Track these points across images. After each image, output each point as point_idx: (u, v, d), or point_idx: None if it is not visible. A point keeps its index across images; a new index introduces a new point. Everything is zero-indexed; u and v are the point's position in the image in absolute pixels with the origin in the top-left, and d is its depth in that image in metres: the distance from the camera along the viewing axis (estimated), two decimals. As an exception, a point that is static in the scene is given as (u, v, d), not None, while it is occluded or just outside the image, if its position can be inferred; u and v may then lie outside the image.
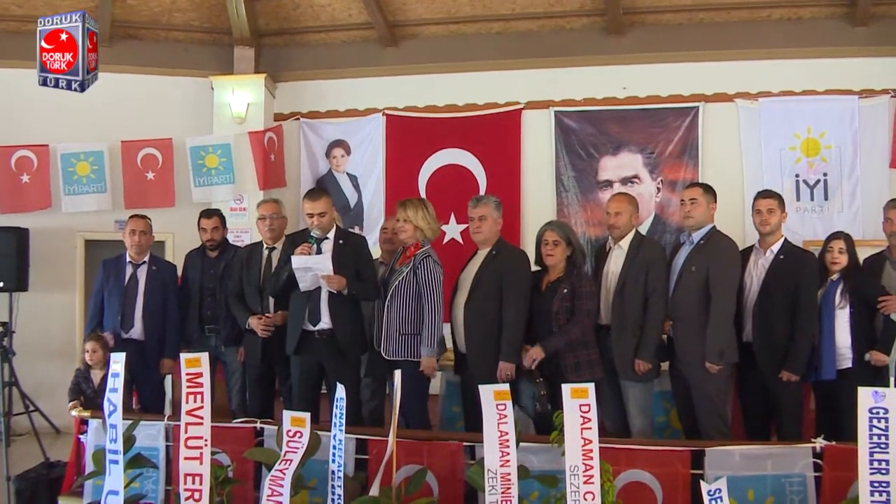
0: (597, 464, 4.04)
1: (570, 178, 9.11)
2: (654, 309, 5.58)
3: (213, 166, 9.24)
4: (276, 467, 4.36)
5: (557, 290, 5.52)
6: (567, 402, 4.10)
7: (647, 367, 5.51)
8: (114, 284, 6.58)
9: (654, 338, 5.57)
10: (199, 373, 4.39)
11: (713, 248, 5.52)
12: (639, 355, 5.52)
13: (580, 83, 9.12)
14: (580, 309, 5.46)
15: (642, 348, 5.53)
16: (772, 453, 4.67)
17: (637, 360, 5.51)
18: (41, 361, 8.83)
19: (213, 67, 9.58)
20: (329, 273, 5.60)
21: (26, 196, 9.22)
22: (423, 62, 9.46)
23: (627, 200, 5.92)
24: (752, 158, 8.70)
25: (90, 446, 5.37)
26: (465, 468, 4.75)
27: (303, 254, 5.60)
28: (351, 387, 5.30)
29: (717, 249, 5.53)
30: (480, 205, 5.80)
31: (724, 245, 5.58)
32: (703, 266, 5.46)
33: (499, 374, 5.43)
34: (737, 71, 8.77)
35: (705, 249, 5.52)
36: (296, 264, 5.62)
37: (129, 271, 6.63)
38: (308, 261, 5.60)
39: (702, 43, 8.82)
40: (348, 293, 5.70)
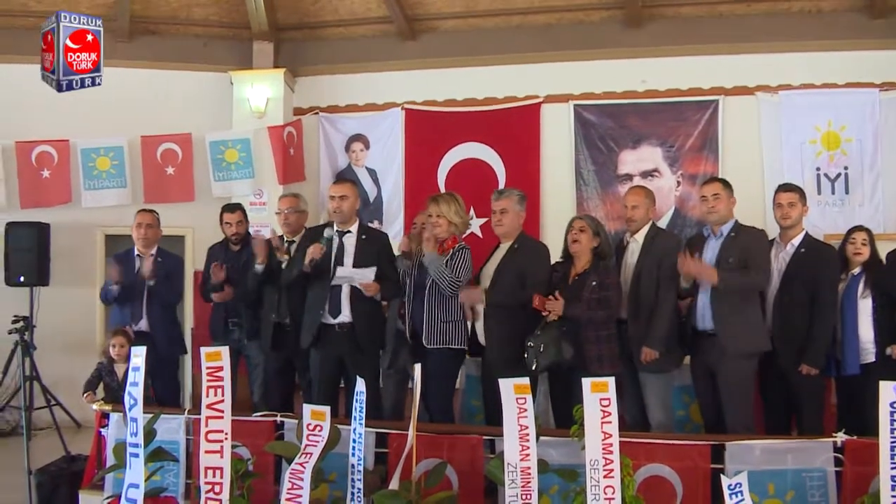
0: (617, 458, 4.05)
1: (589, 171, 9.09)
2: (665, 298, 5.59)
3: (233, 161, 9.28)
4: (296, 461, 4.37)
5: (585, 282, 5.53)
6: (587, 396, 4.10)
7: (653, 356, 5.50)
8: (123, 278, 6.64)
9: (663, 327, 5.55)
10: (220, 366, 4.41)
11: (747, 237, 5.51)
12: (647, 343, 5.52)
13: (599, 76, 9.10)
14: (608, 299, 5.47)
15: (651, 336, 5.53)
16: (792, 448, 4.66)
17: (644, 347, 5.51)
18: (62, 355, 8.87)
19: (232, 62, 9.60)
20: (370, 281, 5.67)
21: (47, 191, 9.29)
22: (442, 56, 9.45)
23: (644, 193, 5.94)
24: (772, 152, 8.66)
25: (111, 440, 5.41)
26: (485, 462, 4.76)
27: (314, 255, 5.66)
28: (371, 380, 5.34)
29: (752, 237, 5.52)
30: (503, 197, 5.82)
31: (757, 233, 5.59)
32: (741, 256, 5.41)
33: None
34: (757, 64, 8.73)
35: (738, 241, 5.48)
36: (339, 274, 5.70)
37: (137, 264, 6.73)
38: (354, 273, 5.69)
39: (721, 36, 8.76)
40: (381, 297, 5.82)
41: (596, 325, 5.42)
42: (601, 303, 5.45)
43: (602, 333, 5.44)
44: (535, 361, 5.34)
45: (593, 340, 5.42)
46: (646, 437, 4.98)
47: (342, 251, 5.82)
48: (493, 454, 4.80)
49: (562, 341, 5.36)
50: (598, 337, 5.43)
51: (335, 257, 5.79)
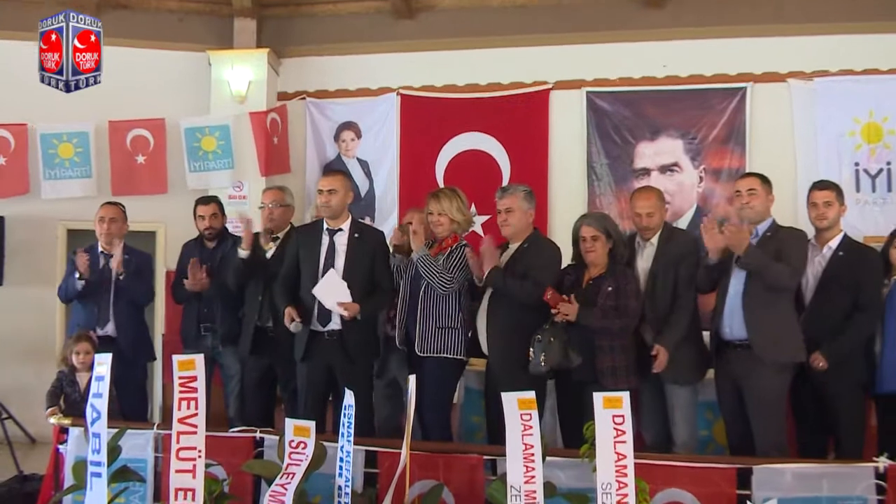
0: (631, 481, 4.02)
1: (603, 165, 9.08)
2: (684, 303, 5.61)
3: (211, 150, 9.24)
4: (276, 482, 4.35)
5: (601, 287, 5.51)
6: (599, 413, 4.08)
7: (665, 356, 5.45)
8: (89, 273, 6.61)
9: (682, 326, 5.56)
10: (194, 376, 4.37)
11: (784, 237, 5.48)
12: (659, 340, 5.50)
13: (615, 61, 9.09)
14: (625, 308, 5.44)
15: (665, 335, 5.52)
16: (828, 473, 4.64)
17: (656, 345, 5.49)
18: (15, 363, 8.87)
19: (211, 41, 9.57)
20: (347, 300, 5.65)
21: (2, 181, 9.24)
22: (441, 36, 9.44)
23: (657, 196, 5.94)
24: (805, 145, 8.64)
25: (70, 457, 5.37)
26: (486, 484, 4.73)
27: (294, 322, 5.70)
28: (361, 393, 5.31)
29: (789, 236, 5.49)
30: (507, 195, 5.80)
31: (796, 233, 5.56)
32: (776, 257, 5.36)
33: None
34: (789, 47, 8.72)
35: (773, 241, 5.45)
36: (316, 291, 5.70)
37: (101, 262, 6.72)
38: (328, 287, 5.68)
39: (751, 16, 8.75)
40: (362, 317, 5.75)
41: (611, 334, 5.40)
42: (618, 311, 5.42)
43: (616, 343, 5.42)
44: (543, 357, 5.33)
45: (607, 350, 5.41)
46: (664, 458, 4.94)
47: (333, 252, 5.82)
48: (494, 476, 4.76)
49: (568, 349, 5.36)
50: (613, 347, 5.41)
51: (325, 259, 5.79)
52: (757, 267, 5.28)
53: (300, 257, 5.87)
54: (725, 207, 7.93)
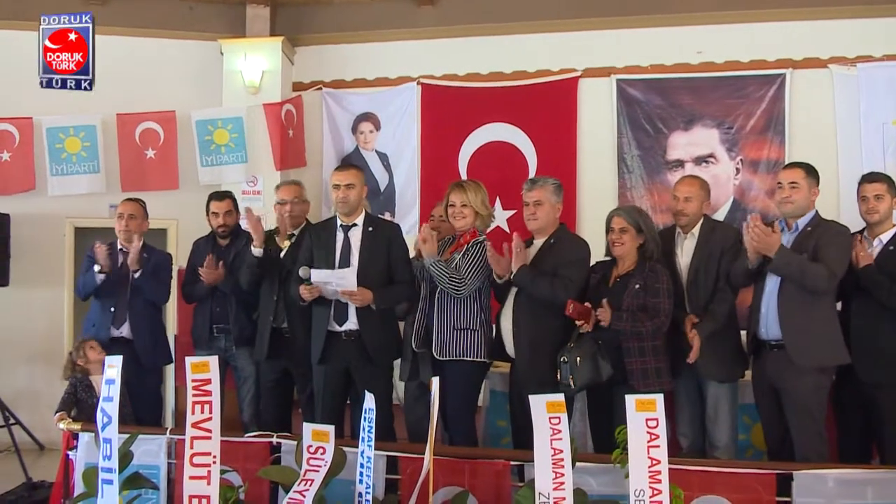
0: (666, 488, 4.03)
1: (634, 157, 9.06)
2: (724, 296, 5.62)
3: (223, 143, 9.27)
4: (294, 489, 4.36)
5: (628, 285, 5.51)
6: (631, 416, 4.08)
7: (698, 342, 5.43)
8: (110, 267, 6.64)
9: (717, 321, 5.56)
10: (208, 379, 4.39)
11: (824, 233, 5.40)
12: (697, 327, 5.49)
13: (647, 46, 9.07)
14: (655, 307, 5.43)
15: (701, 324, 5.51)
16: (873, 479, 4.63)
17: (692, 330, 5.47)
18: (23, 367, 8.95)
19: (223, 29, 9.60)
20: (352, 288, 5.63)
21: (7, 177, 9.30)
22: (464, 23, 9.43)
23: (700, 185, 5.92)
24: (848, 134, 8.59)
25: (80, 464, 5.39)
26: (513, 491, 4.73)
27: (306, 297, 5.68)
28: (382, 396, 5.33)
29: (829, 232, 5.40)
30: (536, 188, 5.78)
31: (837, 228, 5.49)
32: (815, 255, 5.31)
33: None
34: (831, 31, 8.67)
35: (813, 236, 5.39)
36: (315, 278, 5.66)
37: (120, 259, 6.74)
38: (330, 275, 5.67)
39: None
40: (377, 307, 5.74)
41: (641, 337, 5.40)
42: (648, 311, 5.42)
43: (647, 345, 5.41)
44: (571, 379, 5.32)
45: (636, 353, 5.40)
46: (700, 463, 4.94)
47: (348, 248, 5.83)
48: (522, 482, 4.78)
49: (598, 357, 5.35)
50: (643, 349, 5.41)
51: (340, 256, 5.81)
52: (788, 273, 5.25)
53: (315, 256, 5.87)
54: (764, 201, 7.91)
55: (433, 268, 5.58)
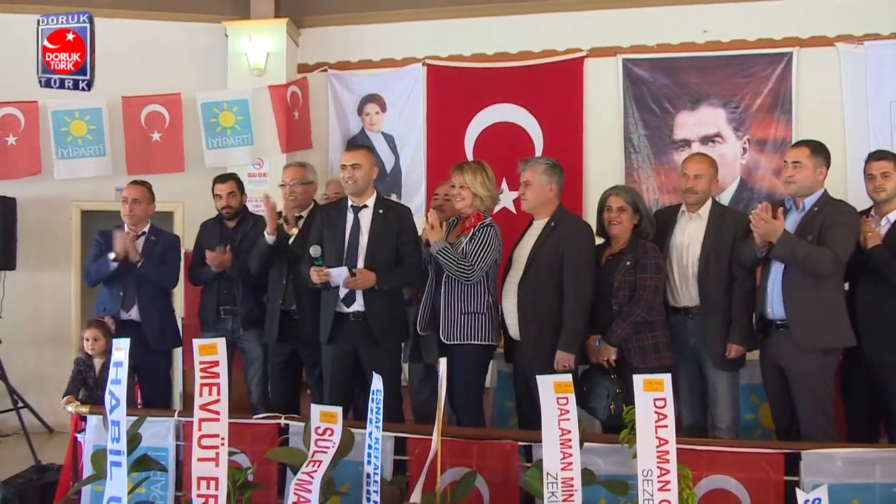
0: (674, 468, 4.01)
1: (640, 136, 9.05)
2: (742, 286, 5.58)
3: (229, 125, 9.27)
4: (302, 470, 4.38)
5: (619, 262, 5.55)
6: (639, 396, 4.07)
7: (739, 352, 5.51)
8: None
9: (746, 318, 5.55)
10: (216, 361, 4.40)
11: (830, 213, 5.36)
12: (732, 339, 5.50)
13: (653, 26, 9.04)
14: (642, 284, 5.46)
15: (735, 331, 5.51)
16: (881, 458, 4.63)
17: (730, 343, 5.50)
18: (31, 350, 8.96)
19: (227, 11, 9.57)
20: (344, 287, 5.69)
21: (12, 161, 9.28)
22: (469, 3, 9.40)
23: (709, 163, 5.90)
24: (855, 113, 8.57)
25: (88, 446, 5.41)
26: (521, 472, 4.76)
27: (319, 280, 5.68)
28: (390, 377, 5.33)
29: (835, 212, 5.36)
30: (527, 168, 5.81)
31: (844, 208, 5.44)
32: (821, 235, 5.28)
33: (556, 364, 5.42)
34: (838, 9, 8.62)
35: (819, 217, 5.35)
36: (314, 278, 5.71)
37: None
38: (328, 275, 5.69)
39: (797, -24, 8.68)
40: (379, 288, 5.73)
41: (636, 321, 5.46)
42: (636, 287, 5.46)
43: (641, 322, 5.47)
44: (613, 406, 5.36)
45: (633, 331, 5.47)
46: (708, 443, 4.95)
47: (357, 230, 5.83)
48: (529, 462, 4.79)
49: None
50: (637, 325, 5.46)
51: (350, 237, 5.80)
52: (791, 260, 5.22)
53: (324, 237, 5.85)
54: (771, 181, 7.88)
55: (441, 255, 5.55)
